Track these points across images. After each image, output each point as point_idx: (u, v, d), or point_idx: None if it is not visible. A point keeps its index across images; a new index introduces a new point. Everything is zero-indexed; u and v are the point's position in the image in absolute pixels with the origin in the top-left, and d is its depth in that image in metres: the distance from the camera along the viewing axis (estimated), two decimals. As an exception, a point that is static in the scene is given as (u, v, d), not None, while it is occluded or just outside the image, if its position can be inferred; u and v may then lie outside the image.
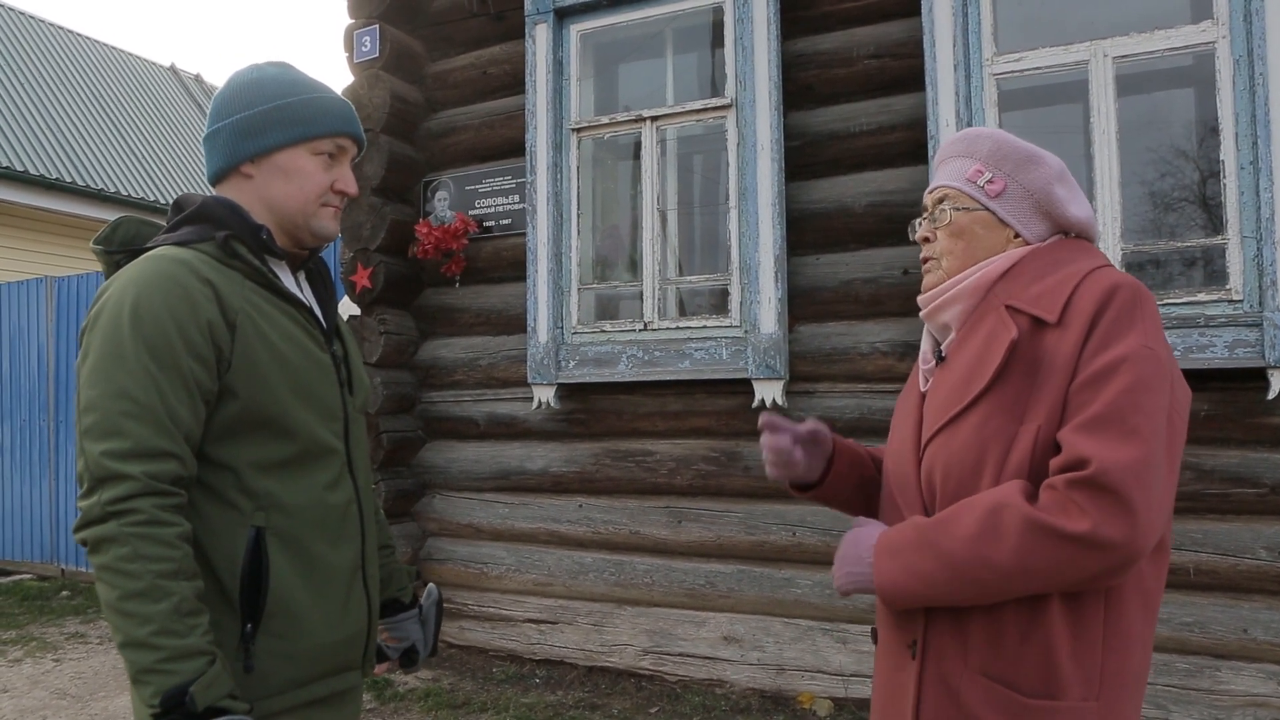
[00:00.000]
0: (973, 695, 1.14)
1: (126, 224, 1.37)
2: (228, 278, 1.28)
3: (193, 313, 1.21)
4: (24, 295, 7.26)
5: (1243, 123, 3.12)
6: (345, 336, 1.50)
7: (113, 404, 1.16)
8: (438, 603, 1.66)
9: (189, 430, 1.21)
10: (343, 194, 1.42)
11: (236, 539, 1.24)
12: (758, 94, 3.79)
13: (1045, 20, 4.07)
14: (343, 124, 1.40)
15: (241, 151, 1.35)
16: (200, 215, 1.33)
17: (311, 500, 1.31)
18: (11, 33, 12.29)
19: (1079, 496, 1.04)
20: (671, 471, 4.01)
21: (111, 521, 1.13)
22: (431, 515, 4.56)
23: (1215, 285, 3.22)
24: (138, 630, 1.11)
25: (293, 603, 1.27)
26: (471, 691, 3.95)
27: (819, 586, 3.73)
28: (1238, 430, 3.13)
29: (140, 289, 1.21)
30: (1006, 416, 1.13)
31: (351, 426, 1.43)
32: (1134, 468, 1.03)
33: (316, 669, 1.32)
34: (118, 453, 1.15)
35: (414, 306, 4.69)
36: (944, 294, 1.27)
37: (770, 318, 3.73)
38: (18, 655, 4.88)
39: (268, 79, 1.37)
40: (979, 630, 1.14)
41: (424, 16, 4.71)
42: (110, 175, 11.58)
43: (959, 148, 1.32)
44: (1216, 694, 3.12)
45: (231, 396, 1.25)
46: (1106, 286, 1.13)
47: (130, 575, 1.11)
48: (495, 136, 4.52)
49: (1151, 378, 1.08)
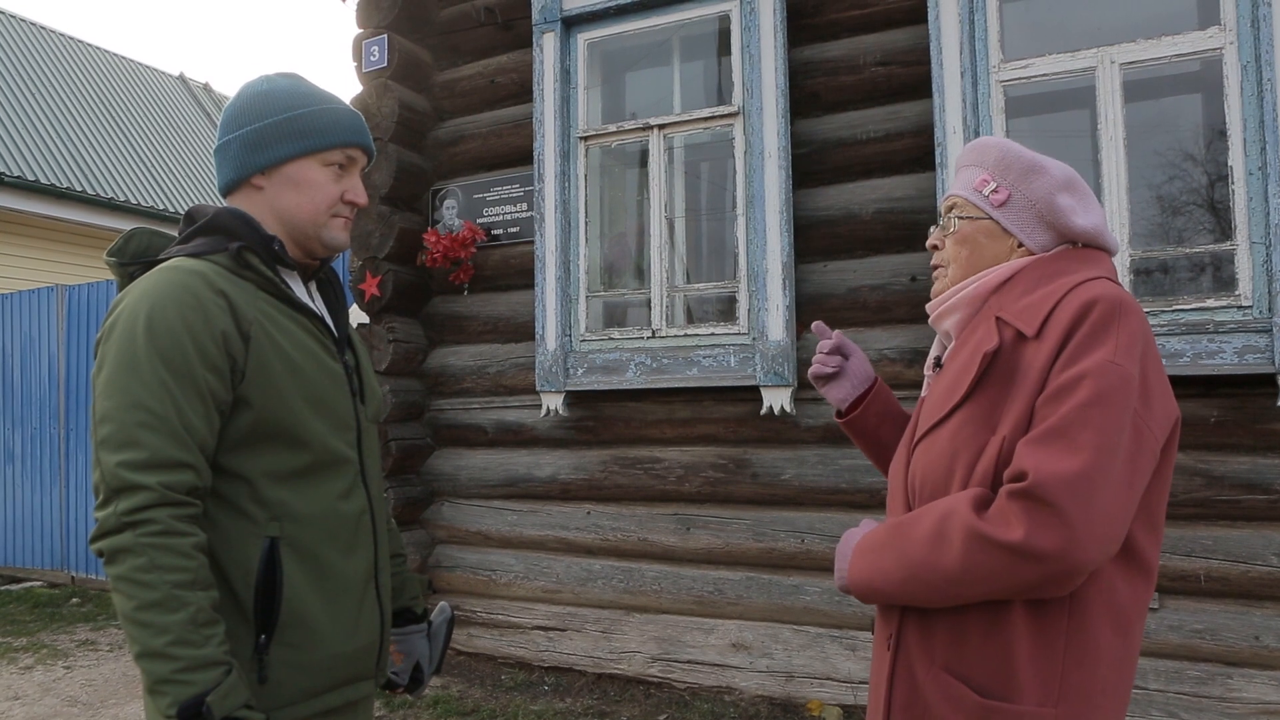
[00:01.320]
0: (933, 690, 1.18)
1: (139, 235, 1.37)
2: (241, 288, 1.29)
3: (207, 323, 1.22)
4: (35, 304, 7.30)
5: (1251, 128, 3.11)
6: (357, 346, 1.51)
7: (128, 415, 1.17)
8: (448, 621, 1.66)
9: (204, 441, 1.21)
10: (353, 204, 1.42)
11: (250, 549, 1.25)
12: (765, 102, 3.80)
13: (1052, 27, 4.07)
14: (352, 135, 1.41)
15: (252, 163, 1.36)
16: (213, 227, 1.34)
17: (325, 510, 1.32)
18: (22, 43, 12.38)
19: (1014, 507, 1.06)
20: (680, 479, 4.01)
21: (128, 532, 1.14)
22: (440, 522, 4.57)
23: (1224, 291, 3.22)
24: (154, 640, 1.11)
25: (306, 613, 1.28)
26: (480, 699, 3.95)
27: (828, 593, 3.73)
28: (1248, 436, 3.12)
29: (155, 300, 1.22)
30: (980, 425, 1.16)
31: (364, 436, 1.43)
32: (1072, 481, 1.03)
33: (330, 679, 1.32)
34: (134, 463, 1.16)
35: (422, 314, 4.71)
36: (945, 302, 1.31)
37: (778, 325, 3.73)
38: (29, 662, 4.90)
39: (278, 91, 1.38)
40: (944, 628, 1.18)
41: (432, 26, 4.74)
42: (120, 184, 11.66)
43: (970, 157, 1.36)
44: (1228, 701, 3.11)
45: (246, 407, 1.26)
46: (1085, 300, 1.13)
47: (147, 585, 1.12)
48: (503, 145, 4.54)
49: (1111, 392, 1.07)
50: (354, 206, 1.43)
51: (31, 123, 11.17)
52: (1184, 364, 3.08)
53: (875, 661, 1.33)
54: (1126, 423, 1.07)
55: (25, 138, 10.84)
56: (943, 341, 1.37)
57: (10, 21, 12.58)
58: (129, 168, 12.18)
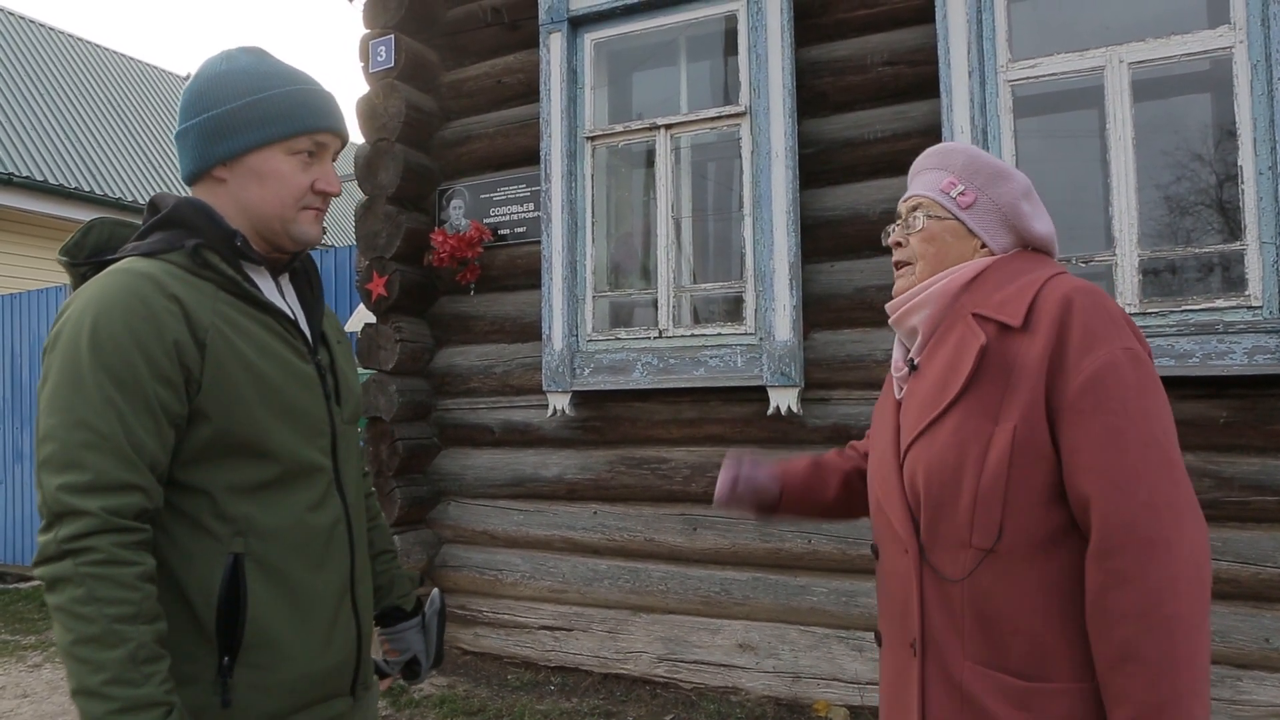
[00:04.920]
0: (973, 683, 1.18)
1: (99, 227, 1.27)
2: (198, 290, 1.19)
3: (158, 333, 1.13)
4: (45, 303, 7.34)
5: (1261, 127, 3.10)
6: (333, 343, 1.40)
7: (71, 434, 1.08)
8: (440, 610, 1.59)
9: (155, 459, 1.12)
10: (324, 194, 1.31)
11: (213, 567, 1.16)
12: (772, 102, 3.80)
13: (1060, 26, 4.06)
14: (321, 119, 1.28)
15: (212, 154, 1.25)
16: (171, 220, 1.24)
17: (293, 523, 1.23)
18: (29, 44, 12.44)
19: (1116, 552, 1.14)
20: (686, 479, 4.00)
21: (67, 560, 1.05)
22: (446, 522, 4.58)
23: (1234, 291, 3.20)
24: (90, 678, 1.03)
25: (273, 632, 1.20)
26: (486, 698, 3.95)
27: (834, 594, 3.72)
28: (1258, 437, 3.11)
29: (100, 308, 1.12)
30: (982, 418, 1.19)
31: (340, 440, 1.33)
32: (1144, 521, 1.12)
33: (300, 699, 1.25)
34: (76, 486, 1.07)
35: (429, 314, 4.71)
36: (914, 298, 1.35)
37: (785, 325, 3.73)
38: (37, 660, 4.92)
39: (237, 71, 1.26)
40: (973, 624, 1.19)
41: (439, 26, 4.74)
42: (128, 184, 11.70)
43: (934, 161, 1.41)
44: (1238, 704, 3.09)
45: (203, 419, 1.16)
46: (1066, 292, 1.19)
47: (84, 619, 1.04)
48: (510, 145, 4.54)
49: (1147, 378, 1.16)
50: (326, 196, 1.31)
51: (39, 123, 11.21)
52: (1193, 364, 3.07)
53: (891, 669, 1.32)
54: (1161, 402, 1.14)
55: (33, 138, 10.88)
56: (905, 341, 1.40)
57: (17, 22, 12.64)
58: (136, 167, 12.23)
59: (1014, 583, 1.16)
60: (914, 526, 1.27)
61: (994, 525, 1.16)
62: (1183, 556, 1.05)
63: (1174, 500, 1.08)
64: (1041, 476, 1.15)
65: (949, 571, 1.21)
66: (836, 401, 3.77)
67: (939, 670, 1.22)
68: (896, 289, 1.40)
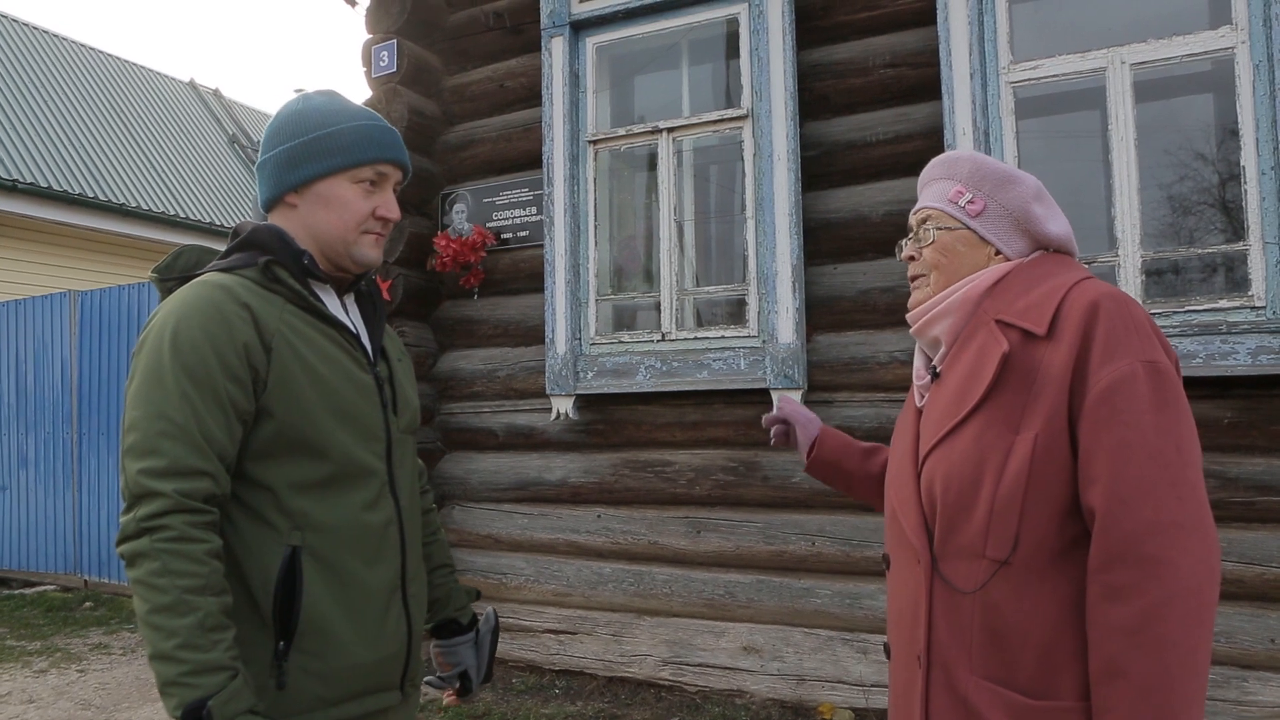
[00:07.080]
0: (977, 698, 1.17)
1: (188, 253, 1.42)
2: (267, 301, 1.32)
3: (229, 335, 1.26)
4: (48, 309, 7.35)
5: (1263, 128, 3.10)
6: (393, 359, 1.52)
7: (151, 424, 1.21)
8: (495, 628, 1.68)
9: (223, 449, 1.24)
10: (385, 220, 1.44)
11: (271, 557, 1.27)
12: (774, 104, 3.80)
13: (1061, 27, 4.07)
14: (382, 151, 1.42)
15: (285, 182, 1.40)
16: (248, 242, 1.38)
17: (348, 520, 1.33)
18: (33, 50, 12.48)
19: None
20: (690, 482, 4.01)
21: (145, 537, 1.17)
22: (451, 526, 4.58)
23: (1237, 292, 3.20)
24: (163, 643, 1.15)
25: (326, 621, 1.29)
26: (491, 702, 3.95)
27: (838, 596, 3.72)
28: (1262, 438, 3.10)
29: (180, 315, 1.27)
30: (1003, 427, 1.17)
31: (395, 447, 1.44)
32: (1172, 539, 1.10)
33: (350, 688, 1.33)
34: (153, 471, 1.19)
35: (433, 319, 4.72)
36: (934, 308, 1.33)
37: (788, 327, 3.73)
38: (43, 666, 4.93)
39: (311, 110, 1.41)
40: (980, 638, 1.17)
41: (441, 31, 4.75)
42: (131, 190, 11.73)
43: (940, 171, 1.40)
44: (1244, 705, 3.09)
45: (268, 417, 1.28)
46: (1092, 299, 1.17)
47: (158, 590, 1.15)
48: (512, 149, 4.55)
49: (1170, 389, 1.14)
50: (386, 222, 1.44)
51: (43, 129, 11.25)
52: (1197, 365, 3.06)
53: (899, 682, 1.31)
54: (1184, 414, 1.12)
55: (37, 145, 10.91)
56: (927, 350, 1.39)
57: (20, 28, 12.67)
58: (140, 173, 12.25)
59: (1027, 596, 1.14)
60: (928, 536, 1.25)
61: (1010, 536, 1.15)
62: (1182, 577, 1.03)
63: (1180, 518, 1.05)
64: (1060, 487, 1.13)
65: (961, 583, 1.19)
66: (840, 404, 3.77)
67: (944, 684, 1.21)
68: (912, 301, 1.39)
